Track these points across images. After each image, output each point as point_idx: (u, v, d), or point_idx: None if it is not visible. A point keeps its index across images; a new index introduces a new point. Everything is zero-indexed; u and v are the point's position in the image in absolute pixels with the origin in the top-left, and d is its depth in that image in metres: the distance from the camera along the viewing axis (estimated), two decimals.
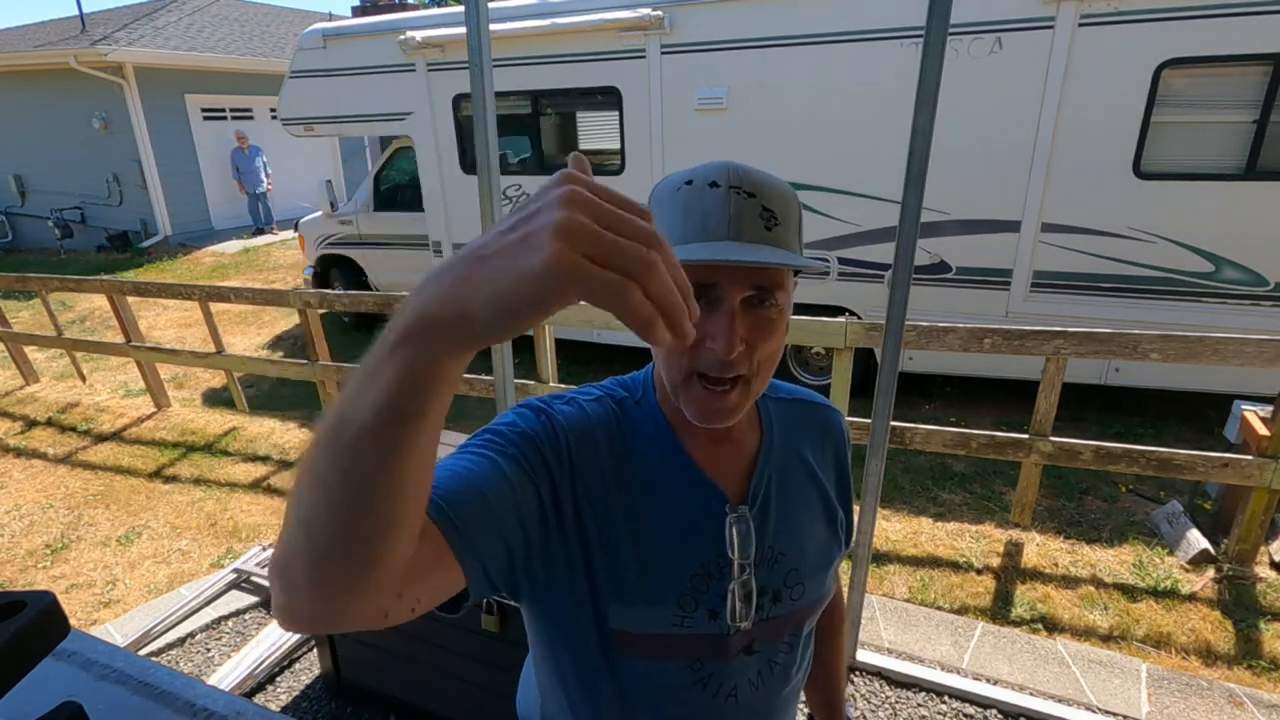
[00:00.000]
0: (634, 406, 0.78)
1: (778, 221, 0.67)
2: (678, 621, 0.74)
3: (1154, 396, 4.50)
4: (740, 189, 0.66)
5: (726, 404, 0.69)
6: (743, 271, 0.65)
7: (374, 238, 6.55)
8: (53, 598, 0.55)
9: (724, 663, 0.77)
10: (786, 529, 0.79)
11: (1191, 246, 3.79)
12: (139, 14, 12.11)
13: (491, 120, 1.97)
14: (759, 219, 0.66)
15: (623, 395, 0.79)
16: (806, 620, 0.83)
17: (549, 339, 3.80)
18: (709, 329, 0.66)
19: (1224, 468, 2.82)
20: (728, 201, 0.66)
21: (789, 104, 4.34)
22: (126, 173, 11.12)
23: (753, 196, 0.66)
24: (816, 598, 0.82)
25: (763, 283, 0.67)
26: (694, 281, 0.65)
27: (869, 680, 2.48)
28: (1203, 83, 3.65)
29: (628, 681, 0.76)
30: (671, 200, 0.69)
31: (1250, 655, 2.58)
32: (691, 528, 0.74)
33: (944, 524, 3.45)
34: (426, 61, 5.26)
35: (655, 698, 0.77)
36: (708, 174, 0.68)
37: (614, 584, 0.72)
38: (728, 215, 0.65)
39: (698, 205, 0.66)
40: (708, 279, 0.65)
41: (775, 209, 0.67)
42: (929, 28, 1.68)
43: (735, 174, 0.67)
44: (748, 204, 0.66)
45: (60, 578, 3.31)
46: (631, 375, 0.84)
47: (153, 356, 5.01)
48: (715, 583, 0.74)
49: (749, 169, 0.68)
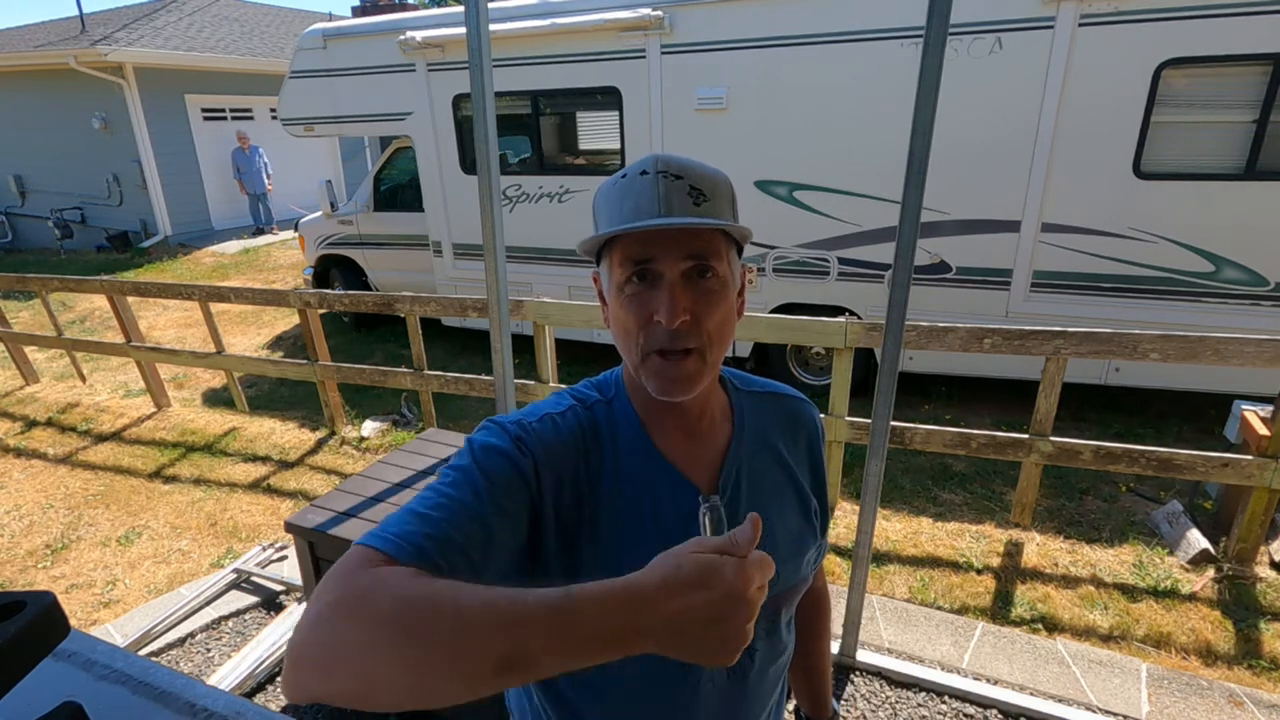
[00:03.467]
0: (605, 407, 0.81)
1: (706, 198, 0.72)
2: None
3: (1154, 396, 4.50)
4: (667, 173, 0.72)
5: (683, 371, 0.72)
6: (676, 244, 0.70)
7: (374, 238, 6.55)
8: (53, 598, 0.54)
9: None
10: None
11: (1191, 246, 3.78)
12: (139, 14, 12.12)
13: (491, 120, 1.97)
14: (687, 196, 0.71)
15: (594, 398, 0.82)
16: (783, 607, 0.85)
17: (549, 339, 3.80)
18: (653, 305, 0.71)
19: (1224, 468, 2.82)
20: (656, 184, 0.71)
21: (789, 104, 4.34)
22: (126, 173, 11.12)
23: (679, 178, 0.72)
24: (791, 585, 0.84)
25: (696, 251, 0.71)
26: (632, 259, 0.71)
27: (869, 680, 2.48)
28: (1203, 83, 3.65)
29: (609, 672, 0.76)
30: (609, 194, 0.75)
31: (1250, 655, 2.58)
32: (663, 521, 0.76)
33: (944, 524, 3.45)
34: (426, 61, 5.26)
35: (636, 686, 0.78)
36: (639, 165, 0.74)
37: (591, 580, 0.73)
38: (657, 196, 0.71)
39: (630, 192, 0.72)
40: (642, 254, 0.71)
41: (703, 188, 0.72)
42: (929, 28, 1.68)
43: (662, 161, 0.73)
44: (675, 185, 0.71)
45: (60, 578, 3.31)
46: (604, 374, 0.86)
47: (153, 356, 5.01)
48: None
49: (677, 156, 0.74)
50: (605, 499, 0.76)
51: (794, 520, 0.86)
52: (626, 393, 0.81)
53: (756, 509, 0.80)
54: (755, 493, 0.82)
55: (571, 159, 5.56)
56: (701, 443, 0.81)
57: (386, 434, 4.62)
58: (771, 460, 0.85)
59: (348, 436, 4.61)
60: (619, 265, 0.73)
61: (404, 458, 2.62)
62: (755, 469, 0.83)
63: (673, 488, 0.78)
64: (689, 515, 0.76)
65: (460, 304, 3.89)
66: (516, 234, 5.33)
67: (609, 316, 0.79)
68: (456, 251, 5.76)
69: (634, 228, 0.69)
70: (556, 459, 0.74)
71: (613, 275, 0.74)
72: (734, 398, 0.86)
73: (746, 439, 0.84)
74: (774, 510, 0.83)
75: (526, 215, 5.38)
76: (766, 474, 0.84)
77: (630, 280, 0.72)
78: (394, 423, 4.77)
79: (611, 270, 0.75)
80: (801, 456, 0.89)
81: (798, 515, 0.86)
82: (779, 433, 0.87)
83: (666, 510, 0.77)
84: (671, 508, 0.77)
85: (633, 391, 0.81)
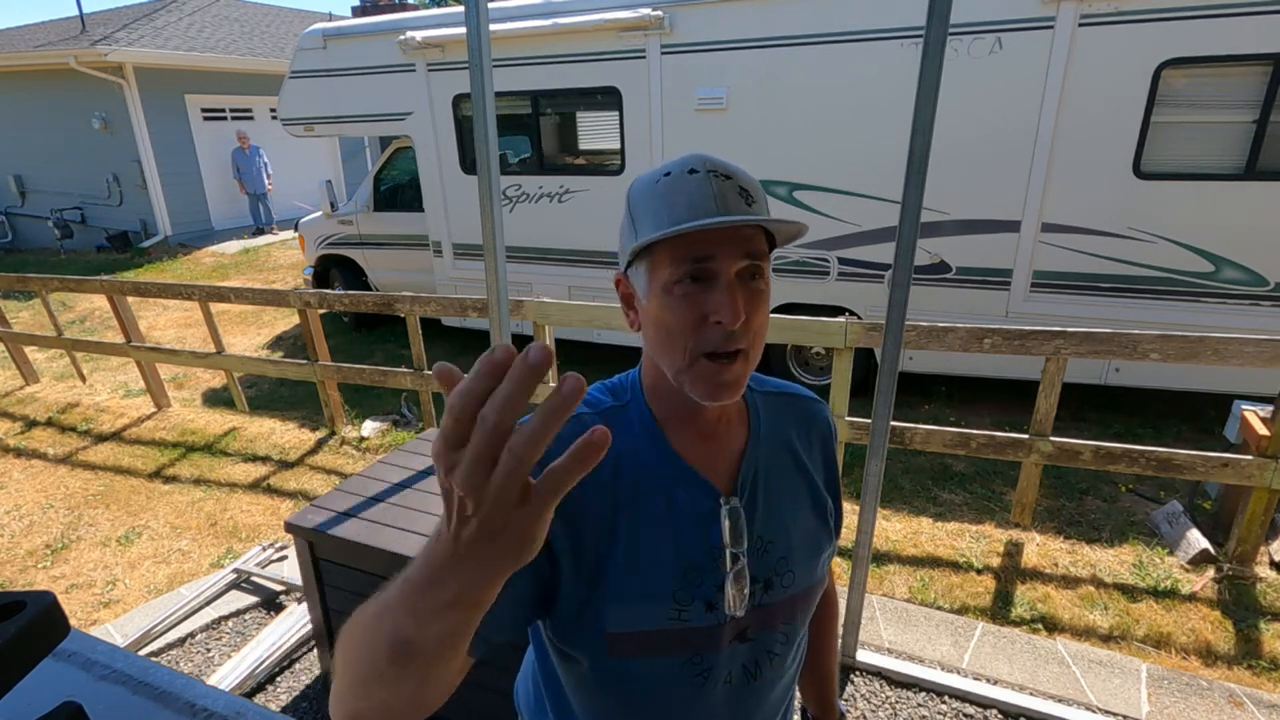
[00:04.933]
0: (620, 411, 0.80)
1: (754, 200, 0.72)
2: (674, 615, 0.75)
3: (1154, 396, 4.50)
4: (717, 172, 0.71)
5: (731, 375, 0.71)
6: (734, 243, 0.70)
7: (374, 237, 6.55)
8: (53, 598, 0.54)
9: (719, 652, 0.78)
10: (774, 519, 0.81)
11: (1191, 246, 3.79)
12: (139, 14, 12.12)
13: (491, 120, 1.97)
14: (739, 196, 0.71)
15: (607, 403, 0.81)
16: (799, 609, 0.84)
17: (549, 339, 3.80)
18: (710, 305, 0.69)
19: (1224, 468, 2.82)
20: (708, 183, 0.70)
21: (789, 104, 4.34)
22: (126, 173, 11.12)
23: (729, 179, 0.72)
24: (808, 585, 0.84)
25: (753, 251, 0.71)
26: (692, 256, 0.70)
27: (869, 680, 2.48)
28: (1203, 83, 3.65)
29: (627, 678, 0.77)
30: (653, 192, 0.73)
31: (1250, 655, 2.58)
32: (681, 524, 0.76)
33: (944, 524, 3.45)
34: (426, 61, 5.26)
35: (654, 692, 0.78)
36: (684, 164, 0.73)
37: (611, 585, 0.73)
38: (711, 194, 0.70)
39: (681, 190, 0.70)
40: (703, 251, 0.69)
41: (750, 190, 0.72)
42: (929, 28, 1.68)
43: (709, 161, 0.72)
44: (726, 184, 0.71)
45: (60, 578, 3.31)
46: (618, 378, 0.85)
47: (153, 356, 5.01)
48: (709, 575, 0.76)
49: (720, 158, 0.74)
50: (624, 503, 0.75)
51: (810, 520, 0.85)
52: (644, 397, 0.80)
53: (773, 510, 0.81)
54: (772, 493, 0.82)
55: (571, 159, 5.56)
56: (719, 444, 0.81)
57: (386, 434, 4.62)
58: (788, 461, 0.85)
59: (348, 436, 4.61)
60: (670, 264, 0.70)
61: (404, 458, 2.62)
62: (772, 470, 0.83)
63: (691, 489, 0.77)
64: (707, 515, 0.76)
65: (460, 304, 3.89)
66: (516, 234, 5.33)
67: (641, 320, 0.77)
68: (456, 251, 5.76)
69: (704, 225, 0.66)
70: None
71: (657, 275, 0.72)
72: (749, 398, 0.86)
73: (763, 440, 0.83)
74: (790, 511, 0.83)
75: (526, 215, 5.38)
76: (783, 475, 0.84)
77: (683, 279, 0.70)
78: (394, 423, 4.77)
79: (656, 270, 0.72)
80: (816, 457, 0.89)
81: (813, 515, 0.86)
82: (794, 433, 0.87)
83: (684, 511, 0.76)
84: (690, 509, 0.76)
85: (653, 396, 0.80)
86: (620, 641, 0.74)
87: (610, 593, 0.73)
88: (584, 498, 0.72)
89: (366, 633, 0.50)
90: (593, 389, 0.84)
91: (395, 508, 2.27)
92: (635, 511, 0.75)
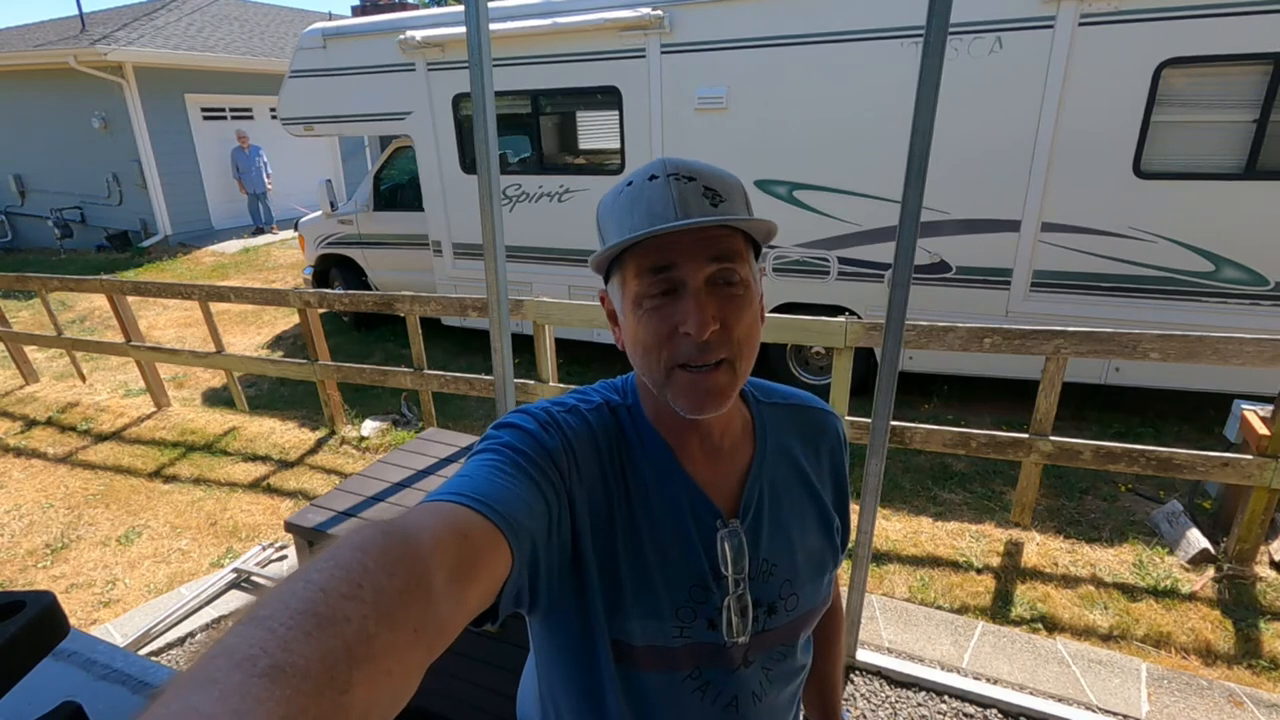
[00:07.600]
0: (627, 415, 0.77)
1: (722, 199, 0.68)
2: (677, 632, 0.74)
3: (1154, 396, 4.50)
4: (679, 175, 0.67)
5: (714, 384, 0.68)
6: (698, 248, 0.66)
7: (374, 237, 6.55)
8: (53, 598, 0.54)
9: (723, 672, 0.77)
10: (779, 541, 0.79)
11: (1192, 246, 3.78)
12: (139, 14, 12.11)
13: (491, 120, 1.97)
14: (703, 197, 0.67)
15: (618, 401, 0.78)
16: (802, 630, 0.82)
17: (549, 339, 3.80)
18: (676, 318, 0.66)
19: (1224, 467, 2.82)
20: (668, 187, 0.67)
21: (789, 104, 4.34)
22: (126, 172, 11.12)
23: (692, 180, 0.67)
24: (812, 607, 0.82)
25: (719, 253, 0.67)
26: (650, 268, 0.66)
27: (869, 680, 2.48)
28: (1203, 82, 3.65)
29: (630, 693, 0.76)
30: (616, 204, 0.70)
31: (1250, 655, 2.58)
32: (688, 541, 0.74)
33: (944, 523, 3.45)
34: (426, 61, 5.26)
35: (657, 708, 0.77)
36: (646, 171, 0.69)
37: (615, 597, 0.72)
38: (671, 199, 0.66)
39: (641, 198, 0.67)
40: (662, 261, 0.66)
41: (716, 188, 0.68)
42: (929, 28, 1.68)
43: (671, 164, 0.68)
44: (689, 186, 0.67)
45: (60, 577, 3.31)
46: (619, 380, 0.83)
47: (153, 356, 5.01)
48: (713, 594, 0.74)
49: (685, 159, 0.70)
50: (637, 502, 0.73)
51: (816, 540, 0.82)
52: (644, 408, 0.77)
53: (779, 531, 0.79)
54: (777, 513, 0.79)
55: (571, 158, 5.56)
56: (724, 461, 0.78)
57: (386, 434, 4.62)
58: (794, 478, 0.82)
59: (348, 436, 4.61)
60: (634, 278, 0.68)
61: (404, 457, 2.62)
62: (777, 489, 0.80)
63: (697, 509, 0.75)
64: (709, 535, 0.74)
65: (460, 303, 3.89)
66: (516, 234, 5.33)
67: (623, 337, 0.74)
68: (456, 251, 5.76)
69: (652, 232, 0.63)
70: (584, 444, 0.71)
71: (627, 290, 0.69)
72: (755, 411, 0.82)
73: (769, 457, 0.80)
74: (796, 531, 0.80)
75: (526, 215, 5.38)
76: (789, 493, 0.81)
77: (649, 293, 0.67)
78: (394, 422, 4.77)
79: (625, 285, 0.69)
80: (824, 472, 0.85)
81: (819, 535, 0.83)
82: (802, 447, 0.84)
83: (690, 531, 0.74)
84: (695, 530, 0.74)
85: (650, 408, 0.77)
86: (623, 654, 0.74)
87: (615, 606, 0.72)
88: (599, 504, 0.71)
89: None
90: (599, 386, 0.82)
91: (395, 507, 2.27)
92: (642, 526, 0.73)
